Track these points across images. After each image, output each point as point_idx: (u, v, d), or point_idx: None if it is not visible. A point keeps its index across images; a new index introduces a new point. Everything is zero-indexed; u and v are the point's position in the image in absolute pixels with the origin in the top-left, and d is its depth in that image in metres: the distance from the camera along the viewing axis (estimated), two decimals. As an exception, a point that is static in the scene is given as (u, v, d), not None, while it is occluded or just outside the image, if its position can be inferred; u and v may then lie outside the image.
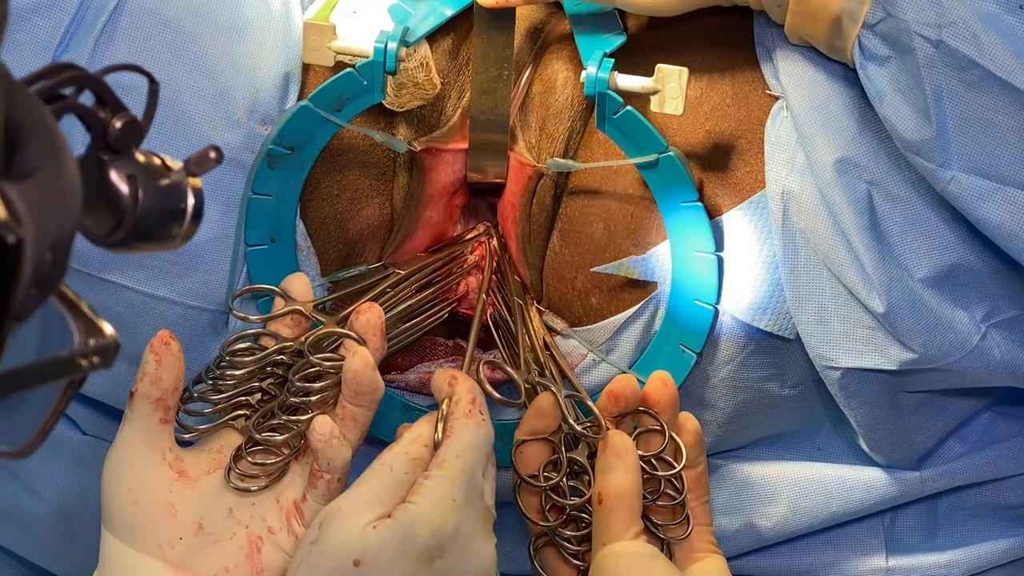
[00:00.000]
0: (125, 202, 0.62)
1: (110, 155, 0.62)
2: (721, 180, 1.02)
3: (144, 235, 0.63)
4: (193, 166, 0.64)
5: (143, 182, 0.62)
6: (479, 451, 0.92)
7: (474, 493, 0.91)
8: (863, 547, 1.10)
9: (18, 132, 0.54)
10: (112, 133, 0.62)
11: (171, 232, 0.64)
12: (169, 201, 0.64)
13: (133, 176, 0.62)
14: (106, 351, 0.58)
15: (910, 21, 0.92)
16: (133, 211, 0.62)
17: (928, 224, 0.98)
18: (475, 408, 0.93)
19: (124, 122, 0.62)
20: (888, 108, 0.94)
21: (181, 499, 0.94)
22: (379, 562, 0.86)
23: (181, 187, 0.64)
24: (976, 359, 1.00)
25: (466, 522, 0.89)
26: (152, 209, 0.63)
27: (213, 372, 0.99)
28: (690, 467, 0.99)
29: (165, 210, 0.63)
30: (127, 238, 0.63)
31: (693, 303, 1.02)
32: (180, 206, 0.64)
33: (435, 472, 0.90)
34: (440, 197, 1.06)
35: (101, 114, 0.62)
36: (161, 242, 0.64)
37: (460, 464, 0.91)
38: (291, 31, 1.02)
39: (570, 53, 1.05)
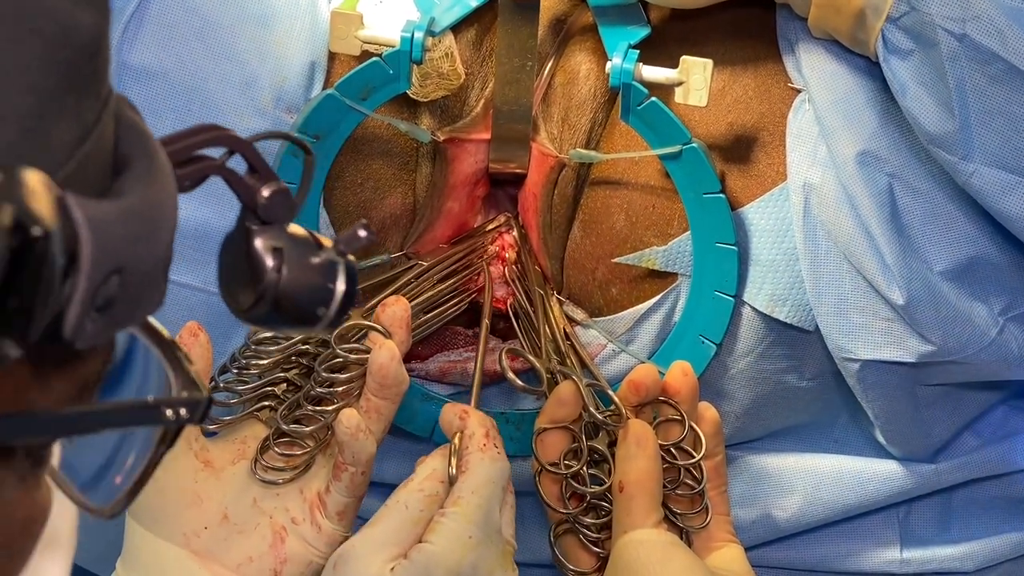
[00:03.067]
0: (269, 275, 0.58)
1: (258, 225, 0.59)
2: (743, 172, 1.02)
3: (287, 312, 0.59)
4: (343, 245, 0.60)
5: (289, 257, 0.58)
6: (495, 485, 0.92)
7: (491, 528, 0.91)
8: (878, 539, 1.11)
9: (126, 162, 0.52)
10: (260, 202, 0.58)
11: (316, 312, 0.60)
12: (316, 279, 0.59)
13: (279, 249, 0.58)
14: (196, 406, 0.55)
15: (934, 15, 0.92)
16: (276, 285, 0.58)
17: (949, 217, 0.98)
18: (490, 442, 0.94)
19: (273, 191, 0.58)
20: (911, 101, 0.95)
21: (206, 489, 0.95)
22: None
23: (331, 266, 0.59)
24: (994, 352, 1.00)
25: (484, 559, 0.89)
26: (297, 286, 0.58)
27: (239, 361, 0.99)
28: (709, 457, 0.99)
29: (311, 288, 0.59)
30: (269, 315, 0.59)
31: (713, 294, 1.03)
32: (328, 286, 0.59)
33: (451, 510, 0.91)
34: (462, 187, 1.07)
35: (249, 181, 0.59)
36: (304, 323, 0.60)
37: (476, 500, 0.91)
38: (318, 20, 1.02)
39: (593, 45, 1.05)
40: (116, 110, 0.53)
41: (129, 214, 0.50)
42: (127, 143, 0.52)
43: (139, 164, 0.52)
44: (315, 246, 0.59)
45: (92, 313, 0.48)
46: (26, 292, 0.46)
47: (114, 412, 0.54)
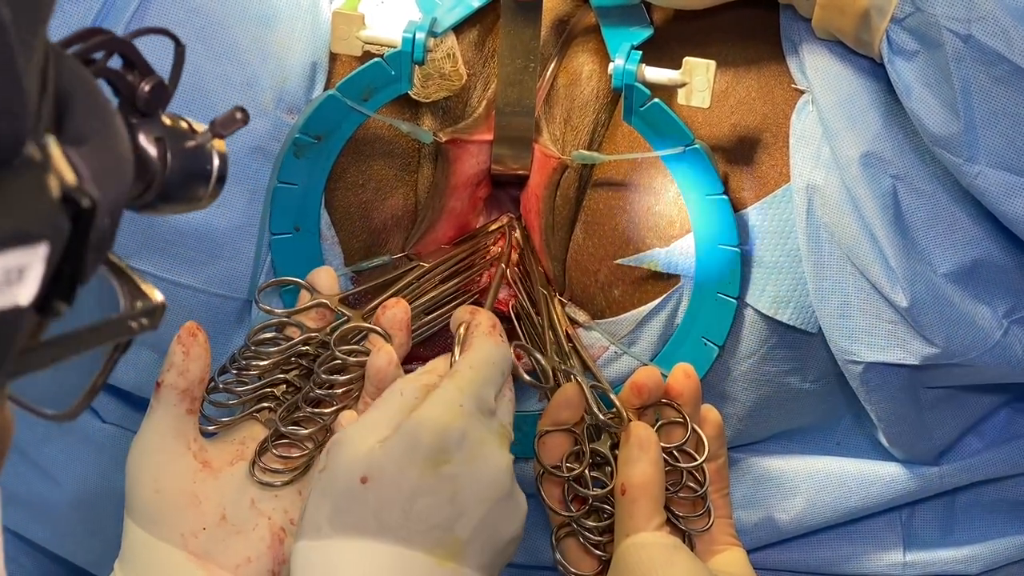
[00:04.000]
0: (154, 165, 0.63)
1: (138, 119, 0.63)
2: (746, 173, 1.02)
3: (172, 197, 0.64)
4: (219, 127, 0.65)
5: (171, 145, 0.63)
6: (495, 367, 0.92)
7: (484, 404, 0.91)
8: (881, 542, 1.11)
9: (65, 98, 0.55)
10: (140, 96, 0.62)
11: (197, 194, 0.65)
12: (196, 163, 0.65)
13: (161, 139, 0.63)
14: (153, 313, 0.59)
15: (939, 16, 0.92)
16: (162, 173, 0.63)
17: (953, 219, 0.98)
18: (495, 331, 0.94)
19: (152, 85, 0.63)
20: (915, 102, 0.94)
21: (204, 489, 0.95)
22: (385, 473, 0.87)
23: (207, 149, 0.65)
24: (998, 355, 1.00)
25: (474, 429, 0.89)
26: (179, 171, 0.63)
27: (238, 362, 0.99)
28: (711, 459, 0.99)
29: (192, 172, 0.64)
30: (155, 200, 0.63)
31: (716, 296, 1.03)
32: (206, 168, 0.65)
33: (445, 381, 0.91)
34: (464, 188, 1.06)
35: (129, 78, 0.62)
36: (188, 203, 0.65)
37: (471, 374, 0.91)
38: (319, 20, 1.02)
39: (595, 46, 1.05)
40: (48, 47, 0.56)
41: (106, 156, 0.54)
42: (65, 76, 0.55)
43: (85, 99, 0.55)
44: (191, 132, 0.65)
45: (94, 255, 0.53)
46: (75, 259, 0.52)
47: (88, 335, 0.57)
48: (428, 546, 0.86)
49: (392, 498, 0.86)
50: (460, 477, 0.87)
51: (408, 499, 0.86)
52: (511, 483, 0.90)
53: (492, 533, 0.88)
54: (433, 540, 0.86)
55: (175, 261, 1.03)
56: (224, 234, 1.02)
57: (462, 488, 0.87)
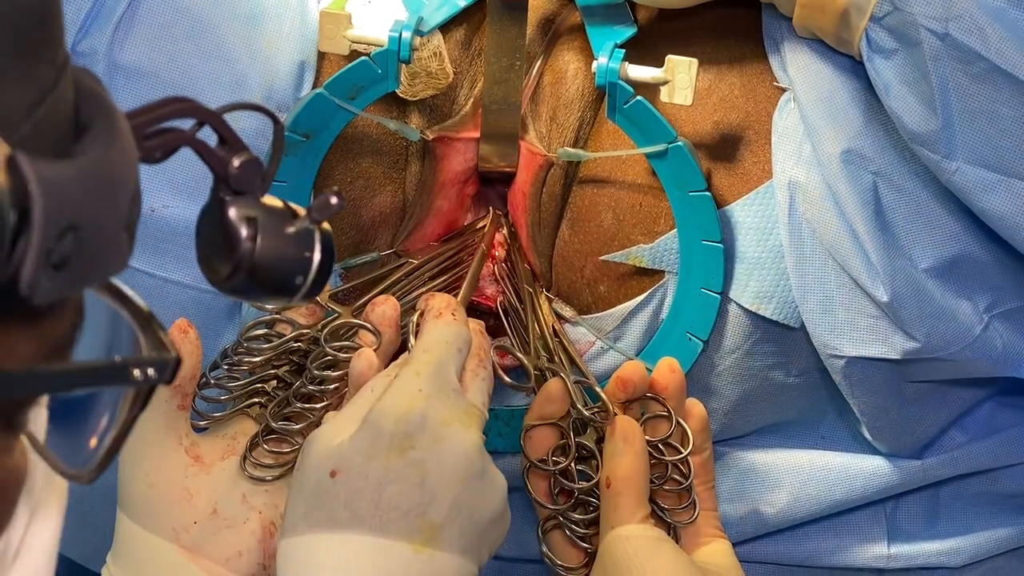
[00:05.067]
0: (244, 244, 0.59)
1: (232, 196, 0.59)
2: (729, 170, 1.03)
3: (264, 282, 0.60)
4: (316, 213, 0.61)
5: (264, 226, 0.59)
6: (448, 345, 0.92)
7: (445, 385, 0.91)
8: (865, 534, 1.11)
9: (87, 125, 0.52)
10: (232, 172, 0.59)
11: (294, 283, 0.61)
12: (292, 248, 0.60)
13: (253, 219, 0.59)
14: (164, 366, 0.55)
15: (917, 14, 0.93)
16: (251, 254, 0.59)
17: (933, 215, 0.99)
18: (446, 311, 0.94)
19: (244, 160, 0.59)
20: (894, 100, 0.95)
21: (196, 484, 0.96)
22: (353, 465, 0.87)
23: (307, 234, 0.61)
24: (978, 349, 1.01)
25: (435, 410, 0.89)
26: (273, 255, 0.60)
27: (230, 358, 1.00)
28: (696, 452, 1.00)
29: (287, 257, 0.60)
30: (246, 284, 0.60)
31: (700, 291, 1.03)
32: (305, 255, 0.61)
33: (402, 369, 0.91)
34: (451, 186, 1.07)
35: (220, 152, 0.59)
36: (282, 293, 0.61)
37: (425, 357, 0.91)
38: (307, 20, 1.03)
39: (580, 44, 1.06)
40: (77, 79, 0.53)
41: (84, 173, 0.50)
42: (88, 111, 0.53)
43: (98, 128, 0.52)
44: (289, 215, 0.60)
45: (48, 270, 0.49)
46: None
47: (80, 372, 0.54)
48: (403, 533, 0.86)
49: (360, 488, 0.87)
50: (427, 461, 0.87)
51: (376, 488, 0.86)
52: (481, 461, 0.89)
53: (469, 514, 0.88)
54: (408, 527, 0.86)
55: (166, 258, 1.03)
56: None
57: (430, 471, 0.87)
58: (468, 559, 0.88)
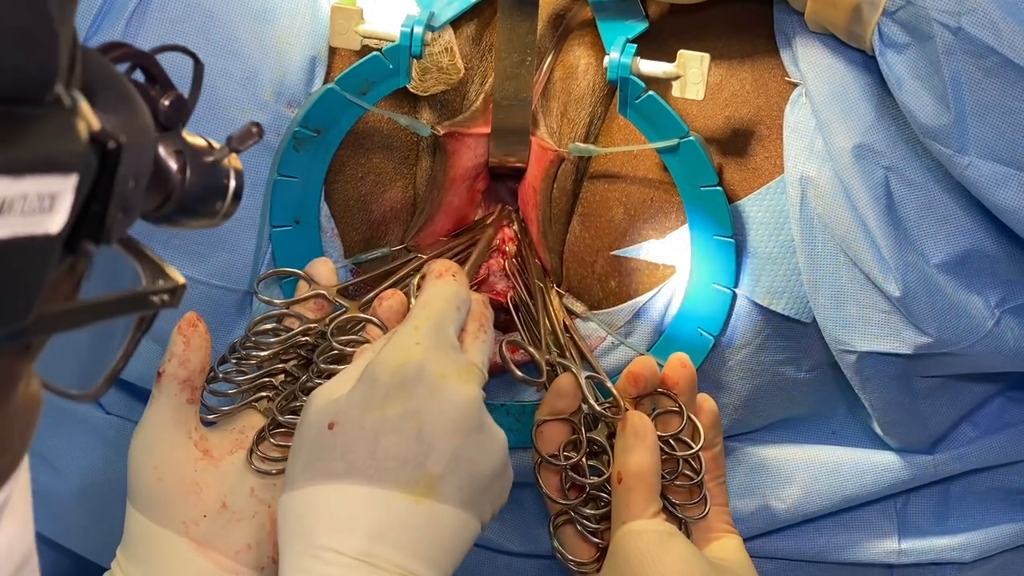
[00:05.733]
0: (173, 177, 0.64)
1: (159, 132, 0.63)
2: (740, 165, 1.03)
3: (190, 210, 0.65)
4: (236, 143, 0.66)
5: (190, 159, 0.64)
6: (447, 303, 0.92)
7: (443, 340, 0.90)
8: (876, 530, 1.11)
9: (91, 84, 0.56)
10: (161, 110, 0.63)
11: (215, 208, 0.66)
12: (214, 177, 0.66)
13: (181, 152, 0.64)
14: (174, 291, 0.60)
15: (929, 8, 0.93)
16: (181, 186, 0.64)
17: (945, 210, 0.99)
18: (447, 272, 0.94)
19: (172, 100, 0.64)
20: (907, 95, 0.95)
21: (205, 478, 0.96)
22: (349, 417, 0.87)
23: (224, 165, 0.66)
24: (990, 344, 1.01)
25: (433, 363, 0.88)
26: (198, 185, 0.65)
27: (238, 352, 1.00)
28: (707, 448, 1.00)
29: (210, 186, 0.66)
30: (174, 213, 0.64)
31: (711, 286, 1.03)
32: (223, 182, 0.66)
33: (400, 326, 0.92)
34: (462, 181, 1.07)
35: (151, 92, 0.63)
36: (205, 218, 0.66)
37: (424, 313, 0.91)
38: (318, 15, 1.03)
39: (591, 39, 1.06)
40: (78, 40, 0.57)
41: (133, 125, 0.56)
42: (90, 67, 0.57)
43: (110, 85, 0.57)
44: (209, 148, 0.66)
45: (119, 214, 0.54)
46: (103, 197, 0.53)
47: (110, 304, 0.58)
48: (401, 484, 0.85)
49: (357, 439, 0.86)
50: (423, 412, 0.87)
51: (372, 438, 0.86)
52: (480, 415, 0.88)
53: (469, 467, 0.87)
54: (406, 478, 0.86)
55: (177, 253, 1.04)
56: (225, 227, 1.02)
57: (427, 423, 0.87)
58: (470, 513, 0.87)
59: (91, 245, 0.54)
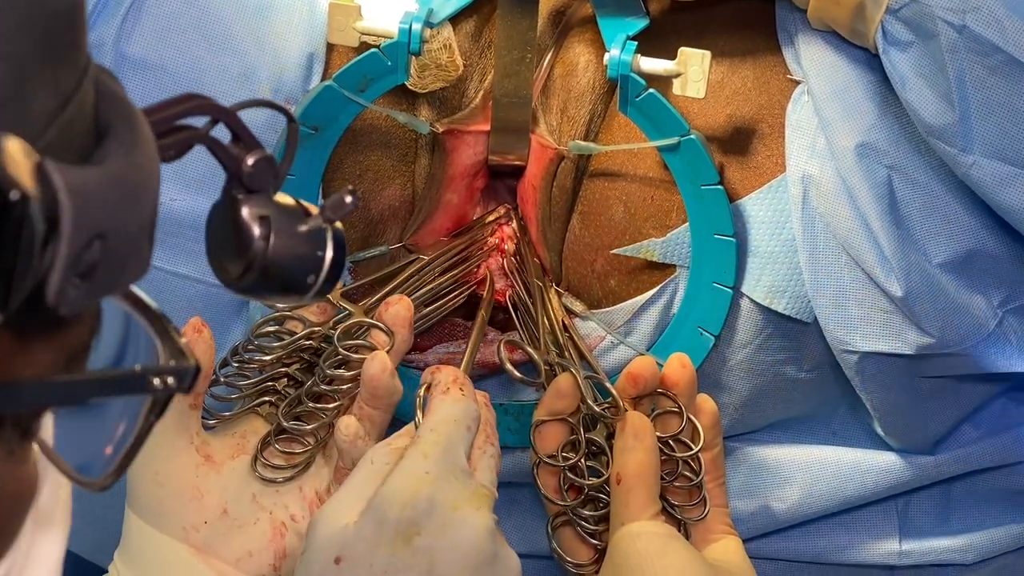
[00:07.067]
0: (256, 243, 0.58)
1: (244, 194, 0.59)
2: (741, 164, 1.02)
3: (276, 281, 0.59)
4: (329, 212, 0.60)
5: (277, 225, 0.59)
6: (457, 424, 0.90)
7: (453, 466, 0.88)
8: (877, 531, 1.11)
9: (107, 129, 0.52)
10: (245, 171, 0.58)
11: (306, 282, 0.60)
12: (304, 247, 0.59)
13: (266, 217, 0.59)
14: (183, 374, 0.55)
15: (934, 6, 0.92)
16: (263, 253, 0.58)
17: (948, 209, 0.98)
18: (455, 386, 0.92)
19: (257, 159, 0.58)
20: (910, 93, 0.95)
21: (207, 483, 0.95)
22: (357, 552, 0.85)
23: (319, 233, 0.60)
24: (992, 344, 1.01)
25: (444, 494, 0.86)
26: (285, 254, 0.59)
27: (240, 355, 0.99)
28: (707, 449, 0.99)
29: (299, 256, 0.59)
30: (257, 283, 0.59)
31: (712, 286, 1.03)
32: (317, 253, 0.60)
33: (409, 449, 0.88)
34: (461, 179, 1.07)
35: (234, 150, 0.59)
36: (294, 292, 0.60)
37: (433, 437, 0.89)
38: (316, 11, 1.02)
39: (592, 36, 1.05)
40: (96, 80, 0.53)
41: (110, 179, 0.49)
42: (108, 112, 0.52)
43: (120, 132, 0.51)
44: (302, 214, 0.60)
45: (74, 279, 0.48)
46: (5, 257, 0.46)
47: (101, 381, 0.53)
48: None
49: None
50: (434, 548, 0.84)
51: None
52: (493, 545, 0.86)
53: None
54: None
55: (174, 252, 1.03)
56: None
57: (439, 560, 0.84)
58: None
59: None
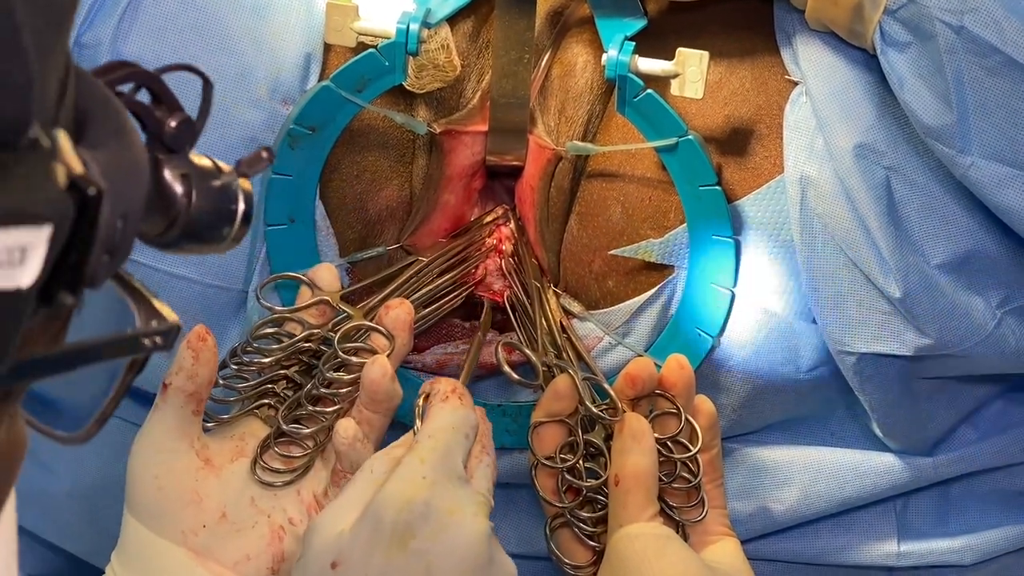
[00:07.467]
0: (179, 201, 0.61)
1: (165, 154, 0.61)
2: (739, 164, 1.02)
3: (195, 235, 0.62)
4: (244, 167, 0.63)
5: (196, 182, 0.61)
6: (455, 431, 0.90)
7: (451, 472, 0.88)
8: (875, 532, 1.11)
9: (84, 113, 0.54)
10: (167, 132, 0.61)
11: (222, 233, 0.63)
12: (221, 202, 0.62)
13: (187, 175, 0.61)
14: (168, 333, 0.58)
15: (932, 7, 0.92)
16: (187, 211, 0.61)
17: (946, 210, 0.98)
18: (453, 395, 0.92)
19: (179, 121, 0.61)
20: (908, 94, 0.94)
21: (206, 487, 0.95)
22: (353, 557, 0.85)
23: (232, 188, 0.63)
24: (991, 345, 1.00)
25: (440, 498, 0.86)
26: (204, 210, 0.61)
27: (239, 358, 0.99)
28: (705, 450, 0.99)
29: (217, 211, 0.62)
30: (179, 238, 0.61)
31: (710, 287, 1.03)
32: (231, 207, 0.63)
33: (406, 456, 0.89)
34: (459, 179, 1.07)
35: (157, 113, 0.61)
36: (212, 243, 0.63)
37: (431, 443, 0.89)
38: (313, 11, 1.02)
39: (589, 37, 1.05)
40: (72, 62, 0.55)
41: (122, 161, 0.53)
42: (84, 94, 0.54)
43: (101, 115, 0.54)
44: (216, 171, 0.63)
45: (104, 256, 0.52)
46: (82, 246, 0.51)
47: (99, 347, 0.55)
48: None
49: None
50: (430, 552, 0.84)
51: None
52: (489, 550, 0.86)
53: None
54: None
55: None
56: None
57: (434, 563, 0.84)
58: None
59: (68, 296, 0.51)
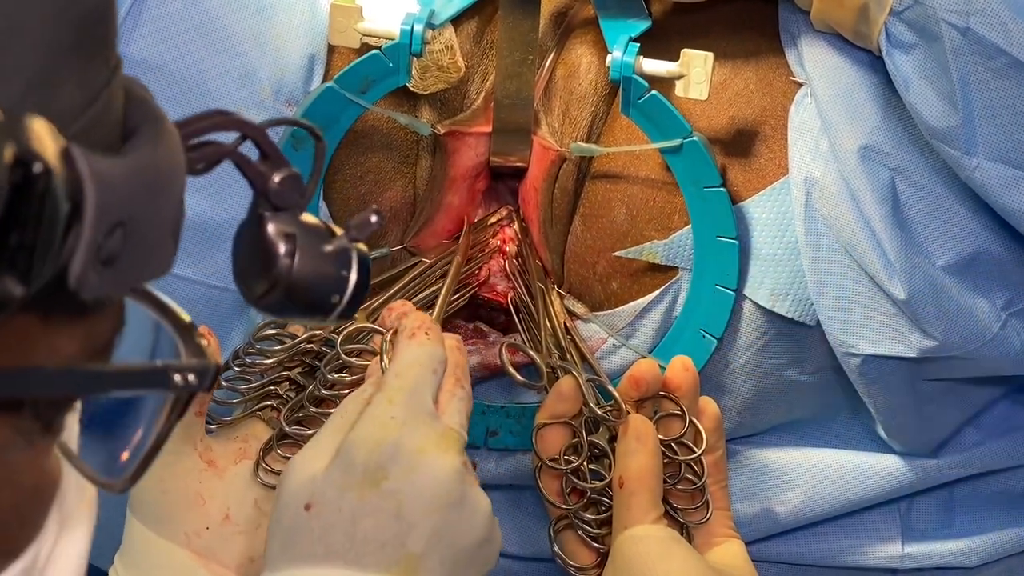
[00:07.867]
0: (280, 262, 0.58)
1: (271, 212, 0.58)
2: (744, 166, 1.02)
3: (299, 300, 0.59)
4: (355, 232, 0.60)
5: (302, 243, 0.58)
6: (422, 367, 0.89)
7: (420, 409, 0.87)
8: (879, 534, 1.11)
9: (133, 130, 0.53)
10: (272, 188, 0.58)
11: (330, 301, 0.60)
12: (329, 267, 0.59)
13: (292, 235, 0.58)
14: (204, 372, 0.55)
15: (938, 8, 0.92)
16: (288, 272, 0.58)
17: (951, 212, 0.98)
18: (420, 331, 0.91)
19: (284, 177, 0.58)
20: (914, 95, 0.94)
21: (210, 489, 0.95)
22: (327, 499, 0.84)
23: (344, 254, 0.59)
24: (996, 347, 1.00)
25: (410, 437, 0.85)
26: (309, 273, 0.58)
27: (240, 359, 0.99)
28: (709, 451, 0.99)
29: (323, 276, 0.59)
30: (282, 302, 0.59)
31: (714, 288, 1.03)
32: (342, 273, 0.59)
33: (374, 397, 0.88)
34: (462, 181, 1.06)
35: (261, 167, 0.58)
36: (317, 312, 0.60)
37: (398, 382, 0.88)
38: (317, 12, 1.02)
39: (594, 38, 1.05)
40: (127, 85, 0.53)
41: (135, 171, 0.50)
42: (136, 116, 0.53)
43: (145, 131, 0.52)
44: (327, 233, 0.59)
45: (97, 266, 0.49)
46: (28, 228, 0.47)
47: (121, 374, 0.53)
48: (382, 566, 0.83)
49: (334, 522, 0.83)
50: (401, 491, 0.84)
51: (350, 521, 0.83)
52: (461, 487, 0.85)
53: (450, 542, 0.84)
54: (386, 559, 0.83)
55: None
56: (223, 226, 1.02)
57: (405, 502, 0.84)
58: None
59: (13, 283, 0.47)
